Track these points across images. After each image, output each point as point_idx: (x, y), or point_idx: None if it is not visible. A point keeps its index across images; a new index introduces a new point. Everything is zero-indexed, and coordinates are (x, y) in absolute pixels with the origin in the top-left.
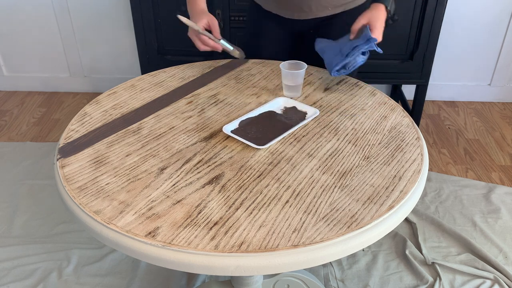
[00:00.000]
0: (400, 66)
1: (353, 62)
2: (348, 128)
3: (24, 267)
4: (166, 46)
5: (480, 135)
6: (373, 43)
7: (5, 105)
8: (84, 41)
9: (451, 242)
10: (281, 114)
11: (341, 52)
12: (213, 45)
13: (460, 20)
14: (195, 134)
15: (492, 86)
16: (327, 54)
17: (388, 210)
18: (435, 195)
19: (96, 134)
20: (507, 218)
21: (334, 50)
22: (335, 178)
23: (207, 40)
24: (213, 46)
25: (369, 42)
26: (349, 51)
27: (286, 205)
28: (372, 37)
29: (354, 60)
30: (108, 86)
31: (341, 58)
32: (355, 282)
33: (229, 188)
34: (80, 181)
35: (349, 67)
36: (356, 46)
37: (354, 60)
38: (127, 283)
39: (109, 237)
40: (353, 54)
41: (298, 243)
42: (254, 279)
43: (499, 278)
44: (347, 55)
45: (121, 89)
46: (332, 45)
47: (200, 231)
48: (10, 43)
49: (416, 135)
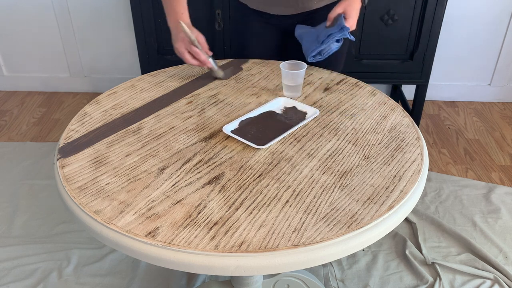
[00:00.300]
0: (400, 66)
1: (328, 49)
2: (348, 128)
3: (24, 267)
4: (166, 46)
5: (480, 135)
6: (346, 31)
7: (5, 105)
8: (84, 41)
9: (451, 242)
10: (281, 114)
11: (317, 39)
12: (203, 60)
13: (460, 20)
14: (195, 134)
15: (492, 86)
16: (304, 40)
17: (388, 210)
18: (435, 195)
19: (96, 134)
20: (507, 218)
21: (311, 36)
22: (335, 178)
23: (199, 54)
24: (204, 61)
25: (343, 30)
26: (324, 38)
27: (286, 205)
28: (345, 26)
29: (329, 47)
30: (108, 86)
31: (317, 45)
32: (355, 282)
33: (229, 188)
34: (80, 181)
35: (324, 54)
36: (330, 34)
37: (329, 47)
38: (127, 283)
39: (109, 237)
40: (328, 42)
41: (298, 243)
42: (254, 279)
43: (499, 278)
44: (323, 42)
45: (121, 89)
46: (309, 32)
47: (200, 231)
48: (10, 43)
49: (416, 135)
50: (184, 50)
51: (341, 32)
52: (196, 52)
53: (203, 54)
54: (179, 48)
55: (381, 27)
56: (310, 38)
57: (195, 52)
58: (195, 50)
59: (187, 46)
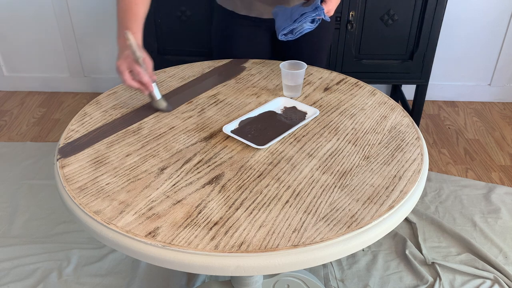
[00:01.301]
0: (400, 66)
1: (300, 28)
2: (348, 128)
3: (24, 267)
4: (166, 46)
5: (480, 135)
6: (321, 11)
7: (5, 105)
8: (84, 41)
9: (451, 242)
10: (281, 114)
11: (291, 17)
12: (146, 82)
13: (460, 20)
14: (195, 134)
15: (492, 86)
16: (278, 17)
17: (388, 210)
18: (435, 195)
19: (96, 134)
20: (507, 218)
21: (285, 14)
22: (335, 178)
23: (142, 74)
24: (146, 82)
25: (317, 10)
26: (297, 17)
27: (286, 205)
28: (320, 5)
29: (301, 27)
30: (108, 86)
31: (289, 23)
32: (355, 282)
33: (229, 188)
34: (80, 181)
35: (295, 33)
36: (304, 13)
37: (301, 27)
38: (127, 283)
39: (109, 237)
40: (301, 21)
41: (298, 243)
42: (254, 279)
43: (499, 278)
44: (295, 21)
45: (121, 89)
46: (285, 10)
47: (200, 231)
48: (10, 43)
49: (416, 135)
50: (124, 69)
51: (315, 12)
52: (138, 72)
53: (146, 76)
54: (120, 66)
55: (381, 27)
56: (284, 16)
57: (137, 72)
58: (137, 69)
59: (130, 64)
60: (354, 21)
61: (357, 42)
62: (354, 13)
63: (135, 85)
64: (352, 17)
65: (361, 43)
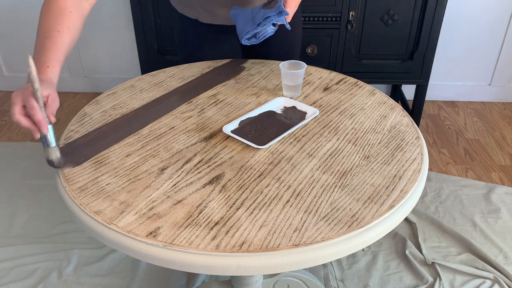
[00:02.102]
0: (400, 66)
1: (263, 32)
2: (348, 127)
3: (24, 267)
4: (166, 46)
5: (480, 135)
6: (284, 16)
7: (5, 105)
8: (84, 41)
9: (451, 242)
10: (281, 114)
11: (253, 21)
12: (38, 120)
13: (460, 20)
14: (195, 134)
15: (492, 86)
16: (239, 19)
17: (388, 209)
18: (435, 195)
19: (96, 134)
20: (507, 218)
21: (246, 17)
22: (335, 177)
23: (36, 110)
24: (38, 121)
25: (281, 14)
26: (261, 20)
27: (287, 205)
28: (284, 9)
29: (265, 30)
30: (108, 86)
31: (252, 27)
32: (355, 282)
33: (230, 188)
34: (81, 182)
35: (259, 37)
36: (268, 17)
37: (265, 30)
38: (127, 283)
39: (109, 238)
40: (264, 24)
41: (299, 242)
42: (254, 279)
43: (499, 278)
44: (259, 25)
45: (120, 89)
46: (245, 12)
47: (201, 231)
48: (10, 43)
49: (416, 135)
50: (18, 101)
51: (279, 16)
52: (32, 107)
53: (40, 114)
54: (14, 97)
55: (381, 27)
56: (245, 18)
57: (31, 106)
58: (32, 103)
59: (26, 97)
60: (354, 21)
61: (357, 42)
62: (354, 13)
63: (23, 122)
64: (352, 17)
65: (361, 43)
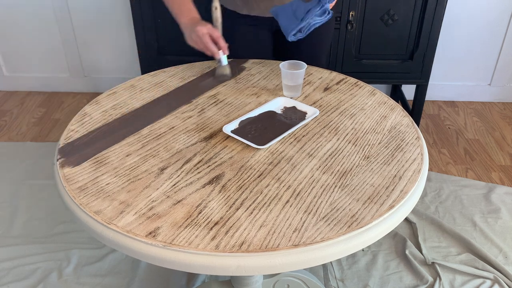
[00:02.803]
0: (400, 66)
1: (308, 26)
2: (348, 128)
3: (24, 267)
4: (166, 46)
5: (480, 135)
6: (325, 4)
7: (5, 105)
8: (84, 41)
9: (451, 242)
10: (281, 114)
11: (295, 16)
12: (223, 46)
13: (460, 20)
14: (195, 134)
15: (492, 86)
16: (281, 17)
17: (388, 209)
18: (435, 195)
19: (96, 134)
20: (507, 218)
21: (287, 13)
22: (335, 177)
23: (221, 39)
24: (223, 47)
25: (321, 3)
26: (303, 15)
27: (287, 205)
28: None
29: (308, 24)
30: (108, 86)
31: (296, 23)
32: (355, 282)
33: (230, 188)
34: (80, 181)
35: (304, 31)
36: (309, 10)
37: (308, 24)
38: (127, 283)
39: (109, 238)
40: (307, 18)
41: (298, 242)
42: (254, 279)
43: (499, 278)
44: (302, 19)
45: (121, 89)
46: (285, 8)
47: (200, 231)
48: (10, 43)
49: (416, 135)
50: (206, 32)
51: (319, 6)
52: (218, 37)
53: (224, 41)
54: (200, 30)
55: (381, 27)
56: (286, 15)
57: (217, 36)
58: (217, 34)
59: (210, 29)
60: (354, 21)
61: (357, 42)
62: (354, 13)
63: (213, 49)
64: (352, 17)
65: (361, 43)
